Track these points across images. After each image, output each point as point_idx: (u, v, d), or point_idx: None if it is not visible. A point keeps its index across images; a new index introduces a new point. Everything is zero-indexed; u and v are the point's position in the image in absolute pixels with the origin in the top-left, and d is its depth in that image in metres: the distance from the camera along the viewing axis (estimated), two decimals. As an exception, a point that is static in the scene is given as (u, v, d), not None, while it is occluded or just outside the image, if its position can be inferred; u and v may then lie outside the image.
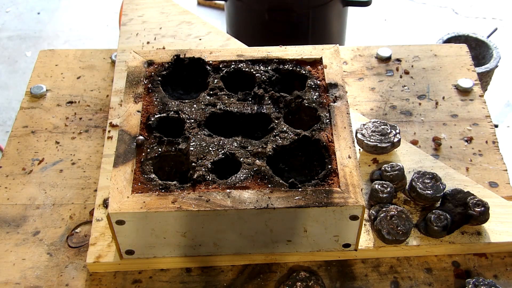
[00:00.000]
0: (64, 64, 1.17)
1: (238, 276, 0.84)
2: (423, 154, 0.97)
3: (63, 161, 1.00)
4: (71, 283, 0.84)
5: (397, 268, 0.85)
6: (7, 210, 0.92)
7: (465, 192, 0.88)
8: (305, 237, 0.81)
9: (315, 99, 0.90)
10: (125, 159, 0.82)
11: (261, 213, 0.77)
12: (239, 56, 0.96)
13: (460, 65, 1.15)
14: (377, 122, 0.97)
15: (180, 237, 0.80)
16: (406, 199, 0.90)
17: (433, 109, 1.07)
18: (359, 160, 0.96)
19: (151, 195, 0.78)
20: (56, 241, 0.89)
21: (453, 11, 2.64)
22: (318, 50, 0.97)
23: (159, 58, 0.96)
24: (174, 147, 0.84)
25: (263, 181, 0.80)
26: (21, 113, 1.08)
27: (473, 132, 1.03)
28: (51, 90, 1.12)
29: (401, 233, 0.83)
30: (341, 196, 0.77)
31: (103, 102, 1.09)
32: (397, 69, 1.15)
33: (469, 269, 0.85)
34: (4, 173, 0.98)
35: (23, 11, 2.69)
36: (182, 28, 1.19)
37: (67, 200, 0.94)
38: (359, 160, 0.95)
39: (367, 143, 0.94)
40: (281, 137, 0.85)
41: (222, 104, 0.90)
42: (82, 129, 1.05)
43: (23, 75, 2.36)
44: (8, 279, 0.84)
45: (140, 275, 0.84)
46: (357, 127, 0.96)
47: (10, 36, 2.56)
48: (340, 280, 0.84)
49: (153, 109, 0.89)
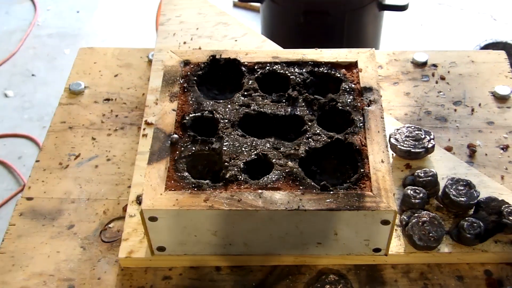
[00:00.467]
0: (102, 62, 1.19)
1: (267, 277, 0.85)
2: (457, 160, 0.96)
3: (99, 157, 1.02)
4: (103, 277, 0.85)
5: (428, 274, 0.84)
6: (43, 203, 0.95)
7: (500, 200, 0.87)
8: (335, 240, 0.81)
9: (349, 103, 0.90)
10: (159, 156, 0.83)
11: (292, 215, 0.77)
12: (274, 58, 0.97)
13: (497, 72, 1.13)
14: (411, 127, 0.96)
15: (211, 235, 0.81)
16: (439, 205, 0.89)
17: (469, 115, 1.06)
18: (392, 165, 0.95)
19: (183, 193, 0.79)
20: (90, 235, 0.90)
21: (491, 17, 2.60)
22: (354, 54, 0.97)
23: (195, 58, 0.97)
24: (207, 146, 0.85)
25: (294, 183, 0.80)
26: (60, 109, 1.10)
27: (509, 140, 1.02)
28: (89, 87, 1.14)
29: (433, 240, 0.82)
30: (373, 200, 0.77)
31: (139, 100, 1.11)
32: (433, 75, 1.14)
33: (501, 278, 0.84)
34: (42, 167, 1.00)
35: (63, 9, 2.75)
36: (219, 29, 1.20)
37: (101, 195, 0.96)
38: (392, 165, 0.95)
39: (400, 148, 0.94)
40: (314, 139, 0.86)
41: (256, 105, 0.90)
42: (117, 126, 1.07)
43: (61, 72, 2.41)
44: (42, 271, 0.86)
45: (170, 271, 0.86)
46: (390, 132, 0.96)
47: (50, 34, 2.61)
48: (369, 285, 0.83)
49: (188, 108, 0.90)
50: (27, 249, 0.89)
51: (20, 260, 0.87)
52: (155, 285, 0.84)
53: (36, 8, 2.72)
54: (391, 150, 0.95)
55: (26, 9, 2.75)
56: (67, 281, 0.85)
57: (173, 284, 0.84)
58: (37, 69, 2.45)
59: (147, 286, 0.84)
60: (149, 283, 0.84)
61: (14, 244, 0.89)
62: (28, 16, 2.71)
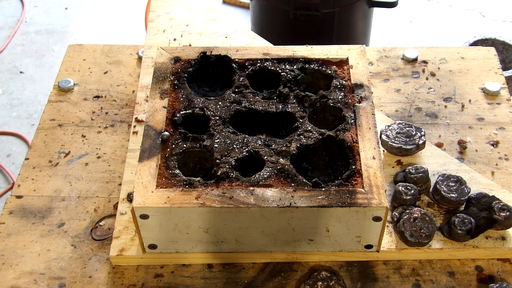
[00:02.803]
0: (91, 59, 1.18)
1: (259, 274, 0.85)
2: (448, 157, 0.96)
3: (89, 154, 1.01)
4: (94, 275, 0.85)
5: (419, 271, 0.85)
6: (33, 201, 0.94)
7: (490, 196, 0.87)
8: (327, 237, 0.81)
9: (340, 99, 0.90)
10: (150, 154, 0.83)
11: (283, 212, 0.77)
12: (265, 55, 0.97)
13: (487, 68, 1.14)
14: (402, 124, 0.96)
15: (202, 233, 0.81)
16: (430, 201, 0.89)
17: (459, 112, 1.07)
18: (383, 161, 0.95)
19: (175, 190, 0.78)
20: (80, 233, 0.90)
21: (480, 14, 2.61)
22: (345, 50, 0.97)
23: (186, 55, 0.96)
24: (198, 144, 0.85)
25: (286, 180, 0.80)
26: (49, 106, 1.09)
27: (499, 136, 1.02)
28: (78, 85, 1.13)
29: (424, 236, 0.83)
30: (364, 197, 0.77)
31: (129, 98, 1.10)
32: (423, 71, 1.14)
33: (492, 274, 0.84)
34: (31, 165, 0.99)
35: (51, 6, 2.72)
36: (209, 26, 1.20)
37: (92, 193, 0.95)
38: (383, 162, 0.95)
39: (391, 145, 0.94)
40: (305, 136, 0.86)
41: (247, 102, 0.90)
42: (108, 124, 1.06)
43: (49, 69, 2.39)
44: (33, 269, 0.85)
45: (162, 269, 0.85)
46: (381, 129, 0.96)
47: (38, 31, 2.59)
48: (361, 281, 0.84)
49: (178, 105, 0.89)
50: (17, 247, 0.88)
51: (10, 258, 0.87)
52: (146, 283, 0.83)
53: (24, 5, 2.70)
54: (382, 147, 0.95)
55: (14, 6, 2.72)
56: (58, 280, 0.84)
57: (165, 282, 0.84)
58: (25, 66, 2.43)
59: (138, 284, 0.83)
60: (141, 281, 0.84)
61: (4, 243, 0.88)
62: (16, 12, 2.68)
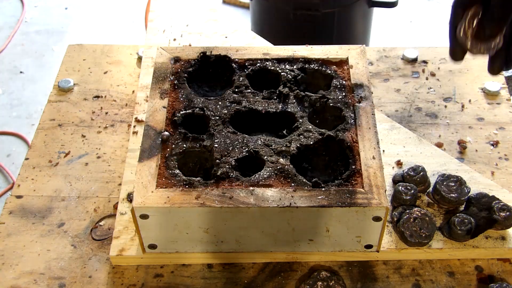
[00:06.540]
0: (91, 59, 1.18)
1: (259, 274, 0.85)
2: (448, 157, 0.96)
3: (89, 154, 1.01)
4: (94, 275, 0.85)
5: (419, 270, 0.85)
6: (33, 201, 0.94)
7: (490, 196, 0.87)
8: (327, 237, 0.81)
9: (340, 99, 0.90)
10: (150, 154, 0.83)
11: (283, 212, 0.77)
12: (265, 55, 0.97)
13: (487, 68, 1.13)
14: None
15: (202, 233, 0.81)
16: (430, 201, 0.89)
17: (459, 112, 1.07)
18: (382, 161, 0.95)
19: (175, 190, 0.78)
20: (80, 233, 0.90)
21: (480, 14, 2.60)
22: (344, 50, 0.97)
23: (186, 55, 0.96)
24: (198, 144, 0.85)
25: (286, 180, 0.80)
26: (49, 106, 1.09)
27: (499, 136, 1.02)
28: (78, 84, 1.13)
29: (424, 236, 0.83)
30: (364, 197, 0.77)
31: (129, 98, 1.10)
32: (423, 71, 1.14)
33: (492, 274, 0.84)
34: (31, 165, 0.99)
35: (51, 6, 2.73)
36: (209, 26, 1.20)
37: (92, 193, 0.95)
38: (383, 162, 0.95)
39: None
40: (305, 136, 0.86)
41: (247, 102, 0.90)
42: (107, 124, 1.06)
43: (49, 69, 2.39)
44: (33, 269, 0.85)
45: (162, 269, 0.85)
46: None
47: (38, 31, 2.59)
48: (361, 281, 0.83)
49: (178, 105, 0.89)
50: (17, 247, 0.88)
51: (10, 258, 0.87)
52: (146, 283, 0.83)
53: (24, 5, 2.70)
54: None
55: (14, 6, 2.73)
56: (58, 280, 0.84)
57: (165, 282, 0.84)
58: (25, 66, 2.43)
59: (138, 284, 0.83)
60: (141, 281, 0.84)
61: (4, 243, 0.88)
62: (16, 12, 2.69)
